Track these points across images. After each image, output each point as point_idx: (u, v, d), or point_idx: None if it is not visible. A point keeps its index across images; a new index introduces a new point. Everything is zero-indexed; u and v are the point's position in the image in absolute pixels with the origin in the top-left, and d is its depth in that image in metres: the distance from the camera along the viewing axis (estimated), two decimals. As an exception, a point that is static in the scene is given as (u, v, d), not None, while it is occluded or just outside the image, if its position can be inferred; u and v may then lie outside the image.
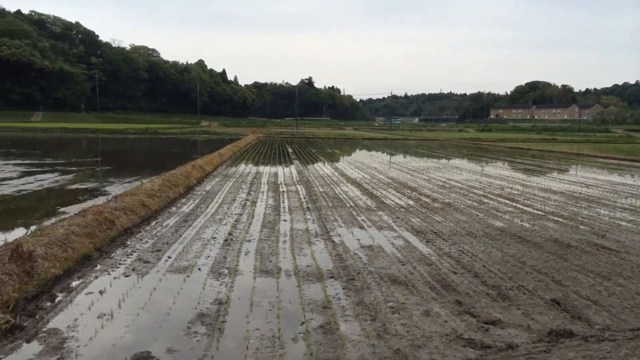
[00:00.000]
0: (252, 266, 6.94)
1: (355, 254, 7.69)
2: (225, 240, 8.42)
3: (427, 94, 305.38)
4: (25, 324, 4.84)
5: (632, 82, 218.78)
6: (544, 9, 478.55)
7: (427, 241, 8.61)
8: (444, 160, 29.30)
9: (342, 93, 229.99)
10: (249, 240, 8.43)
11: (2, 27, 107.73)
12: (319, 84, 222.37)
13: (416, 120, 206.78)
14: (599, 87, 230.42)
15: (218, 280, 6.32)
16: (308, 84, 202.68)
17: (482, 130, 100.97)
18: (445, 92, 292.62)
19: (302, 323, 5.00)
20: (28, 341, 4.50)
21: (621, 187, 16.95)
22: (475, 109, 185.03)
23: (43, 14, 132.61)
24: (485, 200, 13.24)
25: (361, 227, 9.66)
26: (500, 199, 13.53)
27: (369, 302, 5.61)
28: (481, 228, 9.73)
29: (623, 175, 21.23)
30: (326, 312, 5.30)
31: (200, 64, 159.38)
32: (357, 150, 40.92)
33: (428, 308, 5.46)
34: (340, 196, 13.65)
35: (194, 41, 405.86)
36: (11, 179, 15.97)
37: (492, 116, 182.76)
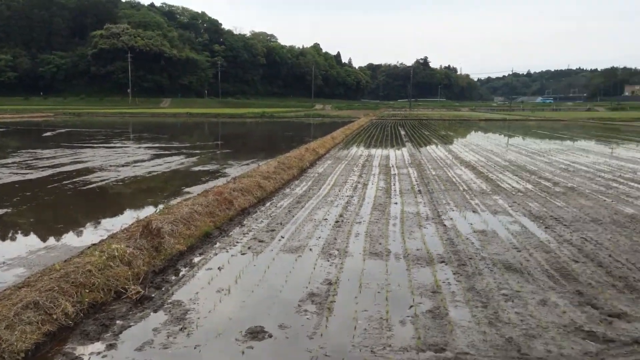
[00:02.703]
0: (361, 248, 7.00)
1: (467, 238, 7.48)
2: (336, 221, 8.55)
3: (552, 70, 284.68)
4: (153, 295, 5.29)
5: None
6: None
7: (546, 227, 8.14)
8: (568, 142, 27.41)
9: (458, 72, 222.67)
10: (359, 222, 8.50)
11: (137, 19, 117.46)
12: (434, 63, 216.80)
13: (539, 99, 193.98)
14: None
15: (328, 261, 6.45)
16: (423, 64, 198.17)
17: (614, 109, 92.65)
18: (573, 68, 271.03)
19: (411, 306, 4.98)
20: (155, 311, 4.93)
21: None
22: (607, 86, 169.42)
23: (173, 6, 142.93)
24: (614, 185, 12.21)
25: (474, 211, 9.35)
26: (632, 184, 12.40)
27: (480, 288, 5.45)
28: (608, 214, 9.00)
29: None
30: (435, 296, 5.23)
31: (316, 47, 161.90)
32: (473, 132, 39.50)
33: (545, 297, 5.19)
34: (454, 179, 13.29)
35: (310, 25, 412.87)
36: (143, 161, 17.41)
37: (627, 93, 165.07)
